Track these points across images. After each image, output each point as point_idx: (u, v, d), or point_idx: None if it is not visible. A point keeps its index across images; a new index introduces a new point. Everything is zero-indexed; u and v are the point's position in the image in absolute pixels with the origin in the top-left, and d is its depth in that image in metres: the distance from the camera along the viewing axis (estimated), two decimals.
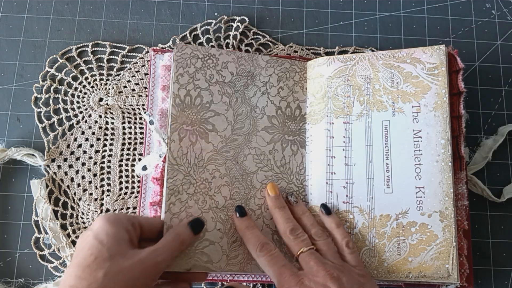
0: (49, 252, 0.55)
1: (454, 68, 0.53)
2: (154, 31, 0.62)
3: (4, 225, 0.55)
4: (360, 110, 0.54)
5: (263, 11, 0.63)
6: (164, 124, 0.54)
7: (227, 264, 0.50)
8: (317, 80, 0.56)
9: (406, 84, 0.53)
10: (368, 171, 0.52)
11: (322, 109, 0.55)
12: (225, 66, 0.55)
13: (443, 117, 0.51)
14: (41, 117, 0.58)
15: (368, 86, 0.54)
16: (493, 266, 0.56)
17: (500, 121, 0.60)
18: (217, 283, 0.54)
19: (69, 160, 0.57)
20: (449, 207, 0.49)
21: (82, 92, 0.59)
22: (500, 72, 0.62)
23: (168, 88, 0.55)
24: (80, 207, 0.56)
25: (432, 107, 0.52)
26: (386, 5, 0.64)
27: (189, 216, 0.50)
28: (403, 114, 0.53)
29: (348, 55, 0.56)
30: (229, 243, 0.51)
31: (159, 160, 0.53)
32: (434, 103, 0.52)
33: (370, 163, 0.52)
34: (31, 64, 0.60)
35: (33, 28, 0.61)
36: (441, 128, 0.51)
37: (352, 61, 0.55)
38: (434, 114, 0.51)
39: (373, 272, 0.50)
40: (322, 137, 0.54)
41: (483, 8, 0.64)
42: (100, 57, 0.60)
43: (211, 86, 0.54)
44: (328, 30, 0.63)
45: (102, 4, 0.62)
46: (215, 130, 0.53)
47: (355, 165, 0.53)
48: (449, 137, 0.51)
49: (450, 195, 0.50)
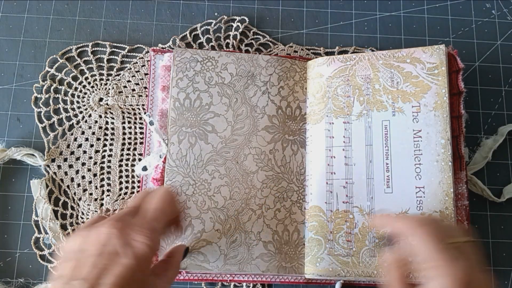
0: (49, 252, 0.55)
1: (454, 68, 0.53)
2: (154, 31, 0.62)
3: (4, 225, 0.55)
4: (360, 110, 0.54)
5: (263, 11, 0.63)
6: (164, 124, 0.54)
7: (225, 264, 0.50)
8: (317, 80, 0.56)
9: (406, 84, 0.53)
10: (368, 171, 0.52)
11: (322, 109, 0.55)
12: (225, 67, 0.55)
13: (443, 116, 0.51)
14: (41, 117, 0.58)
15: (368, 86, 0.54)
16: (493, 266, 0.56)
17: (500, 121, 0.60)
18: (217, 283, 0.54)
19: (69, 160, 0.57)
20: (449, 207, 0.49)
21: (82, 92, 0.59)
22: (500, 72, 0.62)
23: (168, 89, 0.55)
24: (80, 207, 0.56)
25: (432, 107, 0.52)
26: (386, 5, 0.64)
27: (187, 217, 0.51)
28: (403, 114, 0.53)
29: (348, 55, 0.55)
30: (228, 243, 0.51)
31: (159, 160, 0.53)
32: (434, 103, 0.52)
33: (370, 163, 0.52)
34: (31, 64, 0.60)
35: (33, 28, 0.61)
36: (441, 128, 0.51)
37: (352, 61, 0.55)
38: (434, 114, 0.51)
39: (373, 272, 0.50)
40: (322, 137, 0.54)
41: (483, 8, 0.64)
42: (100, 57, 0.60)
43: (210, 88, 0.54)
44: (328, 30, 0.63)
45: (102, 4, 0.62)
46: (214, 131, 0.53)
47: (355, 165, 0.53)
48: (449, 136, 0.51)
49: (450, 195, 0.50)
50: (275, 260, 0.52)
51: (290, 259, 0.52)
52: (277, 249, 0.52)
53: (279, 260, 0.52)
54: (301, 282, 0.54)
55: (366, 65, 0.54)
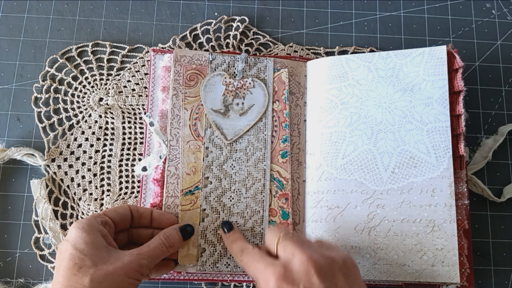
0: (49, 252, 0.55)
1: (454, 67, 0.53)
2: (154, 31, 0.62)
3: (4, 225, 0.55)
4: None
5: (263, 11, 0.63)
6: (164, 125, 0.54)
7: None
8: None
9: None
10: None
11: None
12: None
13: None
14: (41, 117, 0.58)
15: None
16: (493, 266, 0.56)
17: (500, 121, 0.60)
18: (217, 283, 0.54)
19: (69, 160, 0.57)
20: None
21: (82, 92, 0.59)
22: (500, 72, 0.62)
23: (168, 89, 0.55)
24: (80, 207, 0.56)
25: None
26: (386, 5, 0.64)
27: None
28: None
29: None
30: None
31: (159, 161, 0.53)
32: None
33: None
34: (31, 64, 0.60)
35: (33, 28, 0.61)
36: None
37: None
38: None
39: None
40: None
41: (483, 8, 0.64)
42: (100, 57, 0.60)
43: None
44: (328, 30, 0.63)
45: (102, 4, 0.62)
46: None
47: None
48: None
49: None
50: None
51: None
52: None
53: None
54: None
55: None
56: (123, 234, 0.49)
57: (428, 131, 0.52)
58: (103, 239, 0.44)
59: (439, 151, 0.51)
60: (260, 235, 0.52)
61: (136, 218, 0.49)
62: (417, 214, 0.50)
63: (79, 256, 0.41)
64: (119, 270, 0.42)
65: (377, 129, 0.53)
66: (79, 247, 0.42)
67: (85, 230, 0.43)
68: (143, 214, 0.49)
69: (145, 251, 0.44)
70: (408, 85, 0.53)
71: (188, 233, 0.50)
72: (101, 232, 0.44)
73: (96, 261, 0.41)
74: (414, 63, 0.53)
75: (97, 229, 0.44)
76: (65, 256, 0.42)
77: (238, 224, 0.52)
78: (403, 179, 0.51)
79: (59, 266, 0.42)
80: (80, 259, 0.41)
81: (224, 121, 0.54)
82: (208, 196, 0.52)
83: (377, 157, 0.52)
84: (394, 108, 0.53)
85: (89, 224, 0.44)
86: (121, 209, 0.49)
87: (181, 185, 0.52)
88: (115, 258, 0.42)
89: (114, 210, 0.48)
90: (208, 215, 0.52)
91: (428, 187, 0.50)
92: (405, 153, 0.51)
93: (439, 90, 0.52)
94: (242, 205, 0.53)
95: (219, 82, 0.55)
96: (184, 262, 0.50)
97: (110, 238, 0.45)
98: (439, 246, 0.49)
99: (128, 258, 0.43)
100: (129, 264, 0.42)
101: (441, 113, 0.52)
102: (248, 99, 0.55)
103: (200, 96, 0.54)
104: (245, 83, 0.55)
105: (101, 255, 0.42)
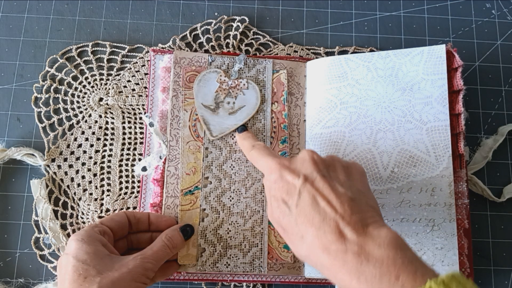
0: (49, 252, 0.55)
1: (453, 66, 0.53)
2: (154, 31, 0.62)
3: (4, 225, 0.55)
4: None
5: (263, 11, 0.63)
6: (164, 126, 0.54)
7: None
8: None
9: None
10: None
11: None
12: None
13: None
14: (41, 117, 0.58)
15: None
16: (493, 266, 0.56)
17: (500, 121, 0.60)
18: (217, 283, 0.54)
19: (69, 160, 0.57)
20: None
21: (82, 92, 0.59)
22: (500, 72, 0.62)
23: (168, 90, 0.55)
24: (80, 207, 0.56)
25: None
26: (386, 5, 0.64)
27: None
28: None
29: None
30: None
31: (159, 161, 0.53)
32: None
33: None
34: (31, 64, 0.60)
35: (33, 28, 0.61)
36: None
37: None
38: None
39: None
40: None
41: (483, 8, 0.64)
42: (100, 57, 0.60)
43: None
44: (328, 30, 0.63)
45: (102, 4, 0.62)
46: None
47: None
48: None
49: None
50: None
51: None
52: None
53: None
54: (301, 282, 0.54)
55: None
56: (122, 241, 0.49)
57: (428, 130, 0.52)
58: (104, 248, 0.43)
59: (439, 150, 0.51)
60: (260, 235, 0.52)
61: (134, 223, 0.49)
62: (417, 214, 0.50)
63: (82, 266, 0.41)
64: (126, 275, 0.41)
65: (376, 128, 0.53)
66: (81, 258, 0.41)
67: (85, 241, 0.43)
68: (140, 219, 0.49)
69: (149, 254, 0.44)
70: (407, 84, 0.53)
71: (188, 233, 0.50)
72: (101, 242, 0.44)
73: (101, 270, 0.41)
74: (414, 62, 0.53)
75: (96, 239, 0.44)
76: (68, 269, 0.41)
77: (238, 223, 0.52)
78: (403, 178, 0.51)
79: (63, 280, 0.42)
80: (84, 270, 0.41)
81: (212, 117, 0.54)
82: (207, 196, 0.52)
83: (376, 156, 0.52)
84: (393, 107, 0.53)
85: (88, 235, 0.44)
86: (117, 216, 0.48)
87: (181, 185, 0.52)
88: (120, 265, 0.42)
89: (111, 219, 0.48)
90: (208, 215, 0.52)
91: (427, 186, 0.50)
92: (405, 152, 0.51)
93: (439, 89, 0.52)
94: (242, 205, 0.53)
95: (214, 79, 0.55)
96: (184, 262, 0.50)
97: (110, 247, 0.45)
98: (439, 245, 0.49)
99: (132, 263, 0.43)
100: (135, 268, 0.42)
101: (441, 112, 0.52)
102: (240, 99, 0.55)
103: (193, 90, 0.54)
104: (239, 83, 0.55)
105: (104, 263, 0.42)
